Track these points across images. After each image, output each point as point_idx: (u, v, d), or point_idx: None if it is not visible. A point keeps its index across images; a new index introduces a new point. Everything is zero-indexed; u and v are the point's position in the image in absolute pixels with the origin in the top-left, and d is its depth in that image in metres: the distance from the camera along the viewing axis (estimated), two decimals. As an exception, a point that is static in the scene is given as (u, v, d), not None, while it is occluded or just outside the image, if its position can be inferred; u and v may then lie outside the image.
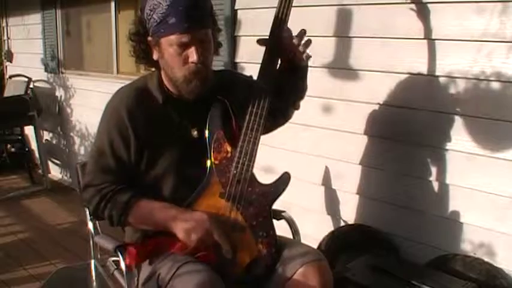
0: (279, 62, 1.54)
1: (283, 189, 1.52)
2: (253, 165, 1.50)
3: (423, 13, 1.90)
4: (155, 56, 1.52)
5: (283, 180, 1.53)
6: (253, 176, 1.52)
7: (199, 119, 1.56)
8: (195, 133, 1.58)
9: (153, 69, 1.60)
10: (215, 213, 1.49)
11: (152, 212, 1.49)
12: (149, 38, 1.49)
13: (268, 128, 1.65)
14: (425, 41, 1.92)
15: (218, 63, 2.53)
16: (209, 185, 1.53)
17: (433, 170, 1.98)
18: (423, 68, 1.94)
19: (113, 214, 1.50)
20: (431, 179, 1.99)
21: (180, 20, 1.40)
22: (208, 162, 1.54)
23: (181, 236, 1.44)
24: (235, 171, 1.50)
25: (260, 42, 1.50)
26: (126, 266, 1.52)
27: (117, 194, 1.49)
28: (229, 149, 1.52)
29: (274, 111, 1.59)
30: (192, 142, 1.56)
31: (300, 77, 1.60)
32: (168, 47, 1.45)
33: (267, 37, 1.52)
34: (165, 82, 1.57)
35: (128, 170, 1.53)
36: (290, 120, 1.80)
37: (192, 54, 1.44)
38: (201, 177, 1.53)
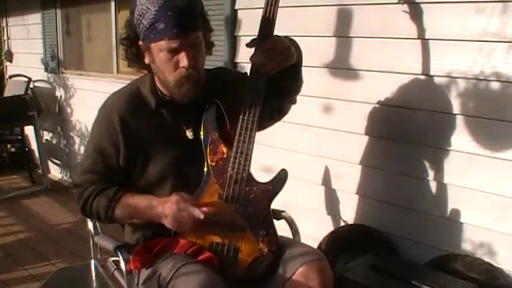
0: None
1: (281, 187, 1.52)
2: (249, 165, 1.50)
3: (423, 13, 1.90)
4: (147, 60, 1.52)
5: (281, 178, 1.53)
6: (250, 176, 1.52)
7: (194, 120, 1.56)
8: (190, 134, 1.58)
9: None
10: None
11: (134, 207, 1.52)
12: (140, 43, 1.50)
13: (264, 124, 1.65)
14: (425, 41, 1.92)
15: (218, 63, 2.53)
16: (207, 186, 1.52)
17: (433, 170, 1.98)
18: (423, 68, 1.94)
19: (100, 211, 1.53)
20: (431, 179, 1.99)
21: (169, 26, 1.39)
22: (205, 165, 1.54)
23: (165, 223, 1.47)
24: (232, 172, 1.50)
25: (249, 44, 1.49)
26: (126, 267, 1.53)
27: (101, 191, 1.53)
28: (224, 150, 1.52)
29: (269, 108, 1.59)
30: (187, 143, 1.57)
31: (294, 72, 1.59)
32: (158, 52, 1.45)
33: (256, 38, 1.50)
34: (158, 85, 1.57)
35: (115, 175, 1.55)
36: (290, 120, 1.79)
37: (183, 60, 1.44)
38: (200, 177, 1.54)
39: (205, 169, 1.53)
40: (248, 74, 1.53)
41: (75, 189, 1.58)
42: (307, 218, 2.30)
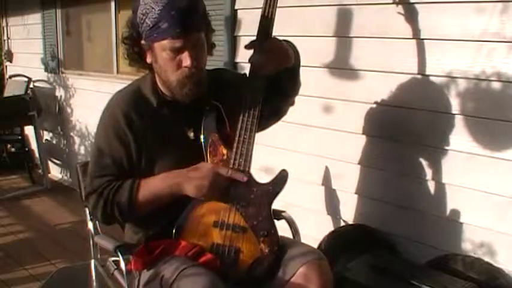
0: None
1: (282, 187, 1.52)
2: (249, 165, 1.50)
3: (423, 13, 1.90)
4: (149, 60, 1.52)
5: (281, 178, 1.53)
6: (250, 176, 1.52)
7: (195, 120, 1.56)
8: (191, 134, 1.58)
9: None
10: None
11: (157, 187, 1.49)
12: (142, 42, 1.49)
13: (263, 125, 1.65)
14: (425, 41, 1.92)
15: (218, 63, 2.53)
16: None
17: (433, 169, 1.98)
18: (423, 68, 1.94)
19: (122, 205, 1.47)
20: (431, 178, 1.99)
21: (172, 25, 1.39)
22: None
23: (194, 194, 1.46)
24: None
25: (248, 46, 1.49)
26: (126, 267, 1.53)
27: (118, 187, 1.49)
28: (224, 151, 1.52)
29: (269, 109, 1.59)
30: (188, 143, 1.57)
31: (292, 74, 1.59)
32: (161, 51, 1.45)
33: (254, 39, 1.51)
34: (159, 85, 1.57)
35: (128, 172, 1.53)
36: (290, 120, 1.79)
37: (186, 59, 1.44)
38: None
39: None
40: (248, 75, 1.53)
41: (90, 198, 1.51)
42: (307, 218, 2.29)
